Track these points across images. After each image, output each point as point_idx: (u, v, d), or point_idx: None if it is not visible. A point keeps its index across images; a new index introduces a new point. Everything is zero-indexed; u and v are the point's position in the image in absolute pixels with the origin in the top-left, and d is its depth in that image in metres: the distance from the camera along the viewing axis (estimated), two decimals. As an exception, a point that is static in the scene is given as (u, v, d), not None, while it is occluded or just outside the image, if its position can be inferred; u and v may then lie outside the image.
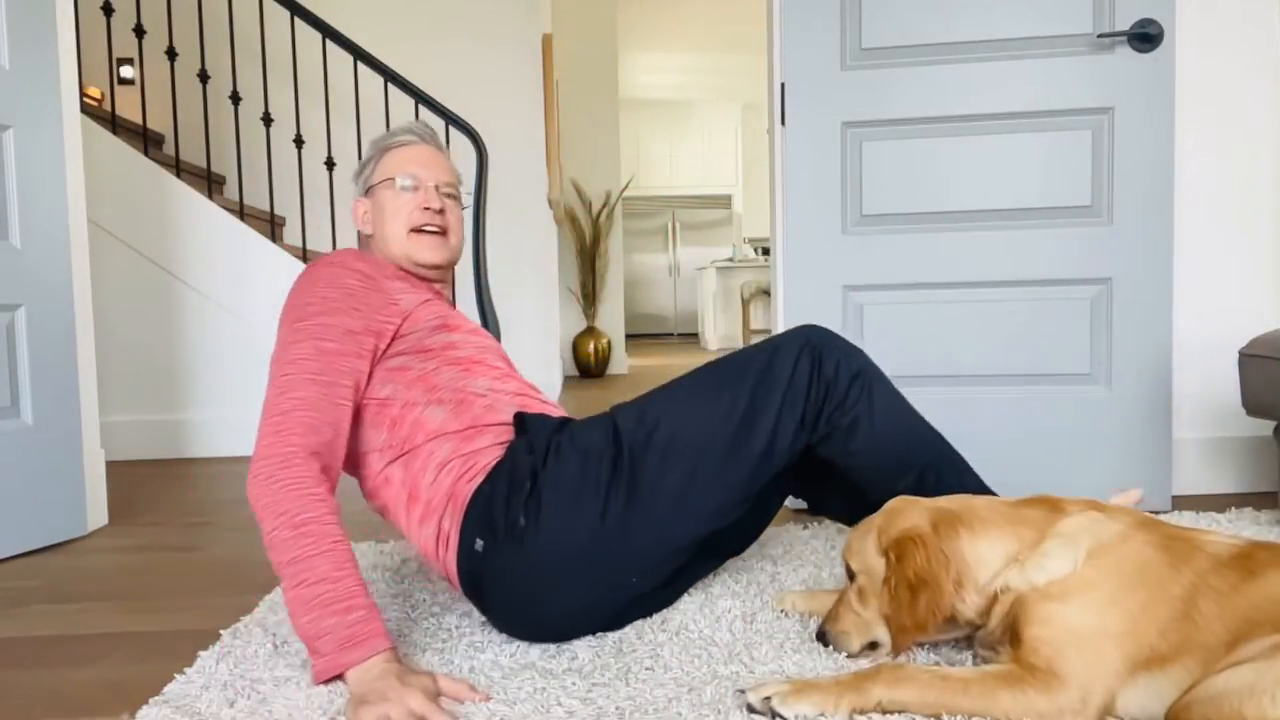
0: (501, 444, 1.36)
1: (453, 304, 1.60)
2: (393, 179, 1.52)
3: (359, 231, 1.60)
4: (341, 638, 1.11)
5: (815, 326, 1.41)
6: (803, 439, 1.35)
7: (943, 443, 1.45)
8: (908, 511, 1.19)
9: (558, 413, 1.46)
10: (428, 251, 1.51)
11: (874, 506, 1.44)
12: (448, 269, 1.57)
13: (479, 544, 1.27)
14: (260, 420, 1.25)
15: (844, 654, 1.23)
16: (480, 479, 1.31)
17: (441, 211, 1.52)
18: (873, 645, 1.22)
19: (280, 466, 1.19)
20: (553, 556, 1.25)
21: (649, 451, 1.28)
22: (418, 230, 1.50)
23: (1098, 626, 1.00)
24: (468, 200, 1.65)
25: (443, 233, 1.53)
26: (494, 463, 1.33)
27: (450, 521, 1.31)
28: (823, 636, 1.27)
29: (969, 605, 1.13)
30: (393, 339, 1.39)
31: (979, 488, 1.45)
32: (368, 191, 1.56)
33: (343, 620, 1.12)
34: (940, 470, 1.43)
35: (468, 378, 1.41)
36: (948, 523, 1.15)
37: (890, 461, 1.40)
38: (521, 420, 1.36)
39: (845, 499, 1.55)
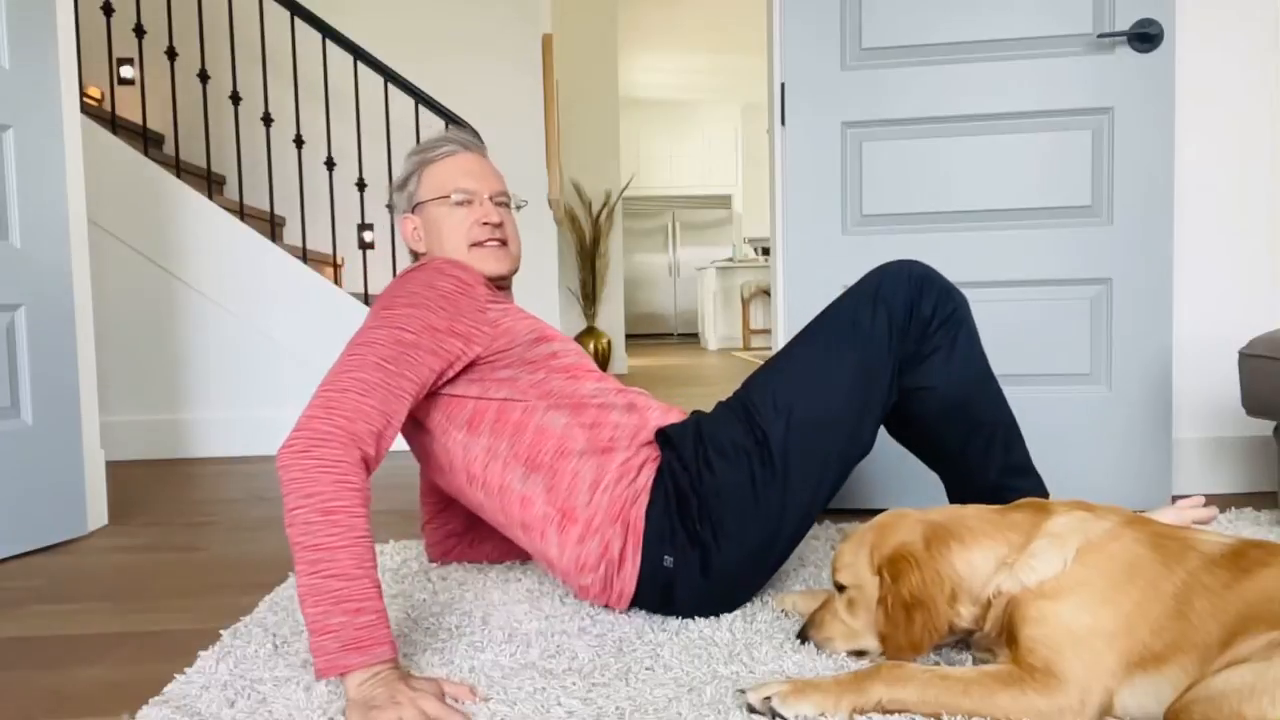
0: (636, 453, 1.39)
1: None
2: (446, 195, 1.50)
3: (410, 249, 1.59)
4: (346, 639, 1.10)
5: (915, 264, 1.43)
6: (904, 373, 1.43)
7: (1008, 410, 1.50)
8: (899, 527, 1.19)
9: (662, 407, 1.48)
10: (492, 263, 1.50)
11: (928, 446, 1.52)
12: (511, 277, 1.58)
13: (668, 560, 1.33)
14: (316, 390, 1.23)
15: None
16: (645, 499, 1.34)
17: (500, 224, 1.52)
18: (859, 653, 1.22)
19: (319, 443, 1.17)
20: (737, 555, 1.34)
21: (790, 442, 1.34)
22: (478, 245, 1.50)
23: (1092, 625, 1.00)
24: (519, 200, 1.62)
25: (504, 243, 1.53)
26: (651, 481, 1.36)
27: (623, 542, 1.34)
28: (804, 638, 1.28)
29: (964, 616, 1.14)
30: (495, 352, 1.40)
31: (1025, 461, 1.50)
32: (415, 208, 1.54)
33: (351, 621, 1.11)
34: (994, 434, 1.48)
35: (576, 383, 1.43)
36: (939, 538, 1.15)
37: (954, 406, 1.44)
38: (665, 435, 1.40)
39: (904, 426, 1.57)
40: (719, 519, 1.32)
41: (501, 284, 1.56)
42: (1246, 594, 0.95)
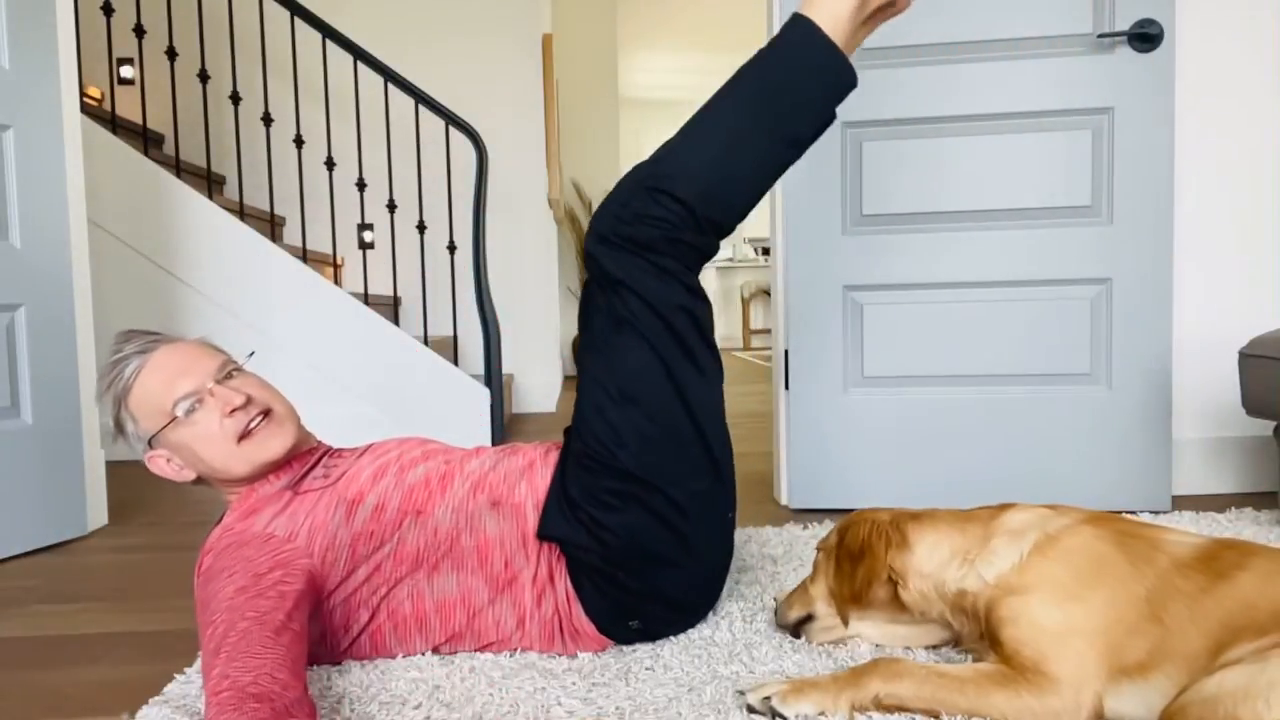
0: (538, 561, 1.27)
1: (328, 450, 1.39)
2: (172, 416, 1.26)
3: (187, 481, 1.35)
4: None
5: (592, 224, 1.28)
6: (697, 272, 1.31)
7: (751, 104, 1.29)
8: (874, 509, 1.30)
9: (518, 470, 1.33)
10: (274, 443, 1.29)
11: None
12: (302, 443, 1.35)
13: (634, 624, 1.31)
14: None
15: (778, 627, 1.35)
16: (578, 606, 1.27)
17: (248, 400, 1.28)
18: (807, 618, 1.31)
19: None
20: (690, 574, 1.31)
21: (649, 460, 1.25)
22: (246, 435, 1.27)
23: (1064, 621, 1.01)
24: (243, 358, 1.40)
25: (267, 413, 1.30)
26: (568, 581, 1.27)
27: (577, 645, 1.30)
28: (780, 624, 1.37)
29: (915, 592, 1.19)
30: (322, 560, 1.22)
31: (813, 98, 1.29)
32: (152, 443, 1.30)
33: None
34: (772, 125, 1.29)
35: (425, 519, 1.26)
36: (900, 515, 1.25)
37: (759, 175, 1.32)
38: (551, 538, 1.27)
39: None
40: (651, 570, 1.27)
41: (294, 454, 1.34)
42: (1224, 601, 0.94)
